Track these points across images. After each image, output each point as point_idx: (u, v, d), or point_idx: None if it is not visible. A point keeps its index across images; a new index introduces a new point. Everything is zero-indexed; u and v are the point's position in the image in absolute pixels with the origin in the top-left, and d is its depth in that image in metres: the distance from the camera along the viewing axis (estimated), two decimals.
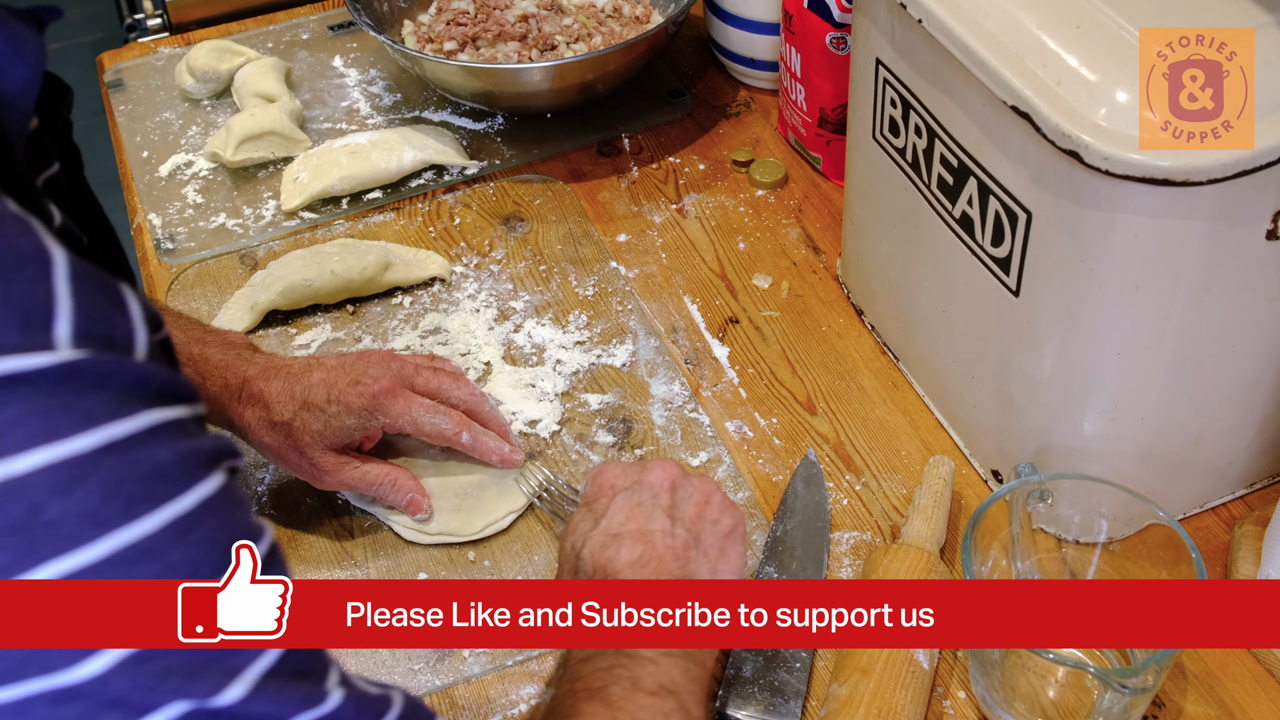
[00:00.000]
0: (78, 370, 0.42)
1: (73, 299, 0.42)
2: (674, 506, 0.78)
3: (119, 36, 1.50)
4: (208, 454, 0.46)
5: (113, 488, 0.42)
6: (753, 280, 1.13)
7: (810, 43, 1.15)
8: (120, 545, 0.43)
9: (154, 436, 0.44)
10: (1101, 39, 0.74)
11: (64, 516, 0.41)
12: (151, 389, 0.45)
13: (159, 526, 0.44)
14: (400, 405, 0.89)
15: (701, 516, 0.78)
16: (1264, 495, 0.92)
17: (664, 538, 0.75)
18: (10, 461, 0.40)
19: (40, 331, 0.41)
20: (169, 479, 0.44)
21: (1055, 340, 0.82)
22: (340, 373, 0.90)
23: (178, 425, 0.45)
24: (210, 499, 0.46)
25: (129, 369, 0.44)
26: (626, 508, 0.76)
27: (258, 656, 0.47)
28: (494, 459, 0.93)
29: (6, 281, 0.41)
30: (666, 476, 0.79)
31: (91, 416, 0.42)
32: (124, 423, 0.43)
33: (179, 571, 0.44)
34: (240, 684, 0.46)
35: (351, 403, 0.88)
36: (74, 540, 0.42)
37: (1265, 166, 0.69)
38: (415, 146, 1.23)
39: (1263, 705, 0.81)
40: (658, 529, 0.75)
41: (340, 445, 0.89)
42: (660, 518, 0.76)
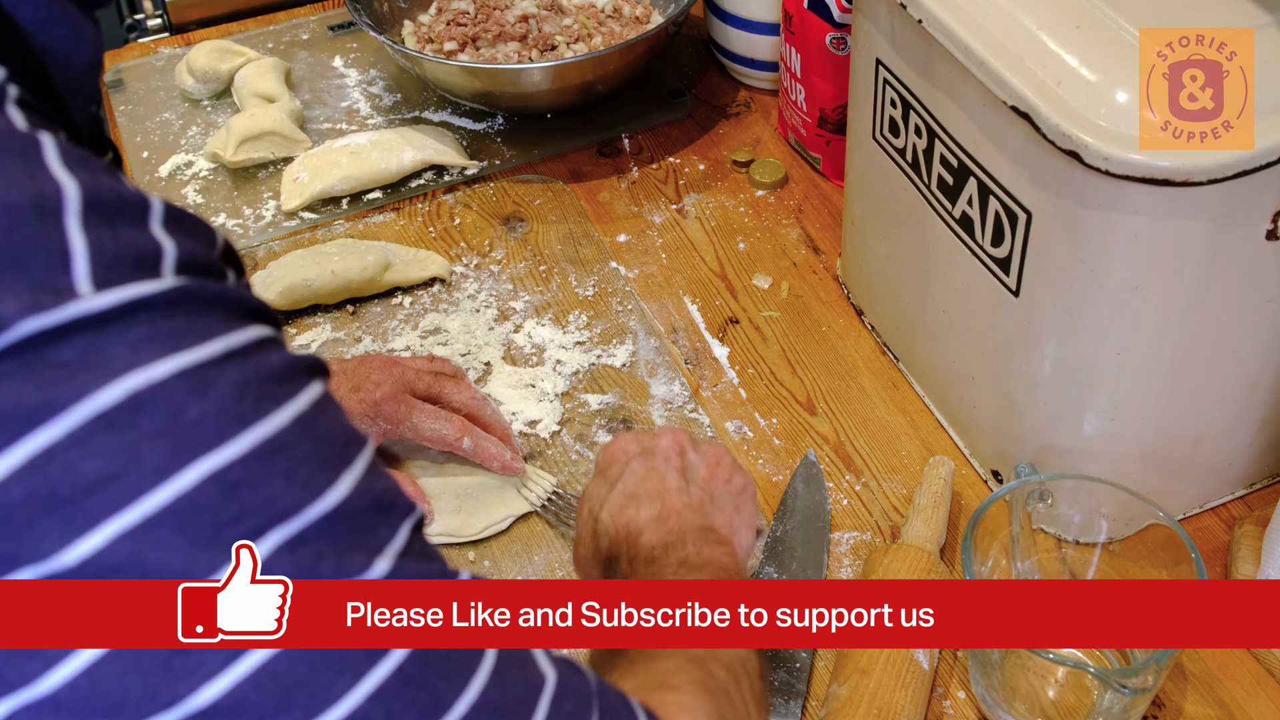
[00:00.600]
0: (188, 294, 0.45)
1: (171, 238, 0.45)
2: (686, 469, 0.79)
3: (119, 36, 1.50)
4: (309, 365, 0.50)
5: (241, 388, 0.45)
6: (753, 280, 1.13)
7: (810, 43, 1.15)
8: (260, 439, 0.45)
9: (262, 347, 0.47)
10: (1101, 39, 0.74)
11: (205, 416, 0.44)
12: (251, 309, 0.48)
13: (288, 421, 0.46)
14: (401, 411, 0.89)
15: (714, 477, 0.79)
16: (1264, 495, 0.92)
17: (679, 495, 0.76)
18: (148, 369, 0.43)
19: (150, 266, 0.44)
20: (284, 381, 0.47)
21: (1055, 340, 0.82)
22: (342, 378, 0.90)
23: (277, 341, 0.48)
24: (321, 399, 0.49)
25: (230, 292, 0.47)
26: (641, 471, 0.78)
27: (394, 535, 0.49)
28: (495, 465, 0.93)
29: (114, 225, 0.44)
30: (676, 442, 0.80)
31: (208, 331, 0.45)
32: (237, 335, 0.46)
33: (312, 461, 0.46)
34: (384, 560, 0.48)
35: (353, 409, 0.88)
36: (217, 437, 0.44)
37: (1265, 166, 0.69)
38: (415, 147, 1.23)
39: (1263, 705, 0.81)
40: (672, 487, 0.77)
41: None
42: (674, 477, 0.78)
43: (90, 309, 0.42)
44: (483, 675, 0.50)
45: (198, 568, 0.43)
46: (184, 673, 0.44)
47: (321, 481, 0.46)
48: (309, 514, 0.46)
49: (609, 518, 0.76)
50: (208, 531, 0.43)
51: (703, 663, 0.63)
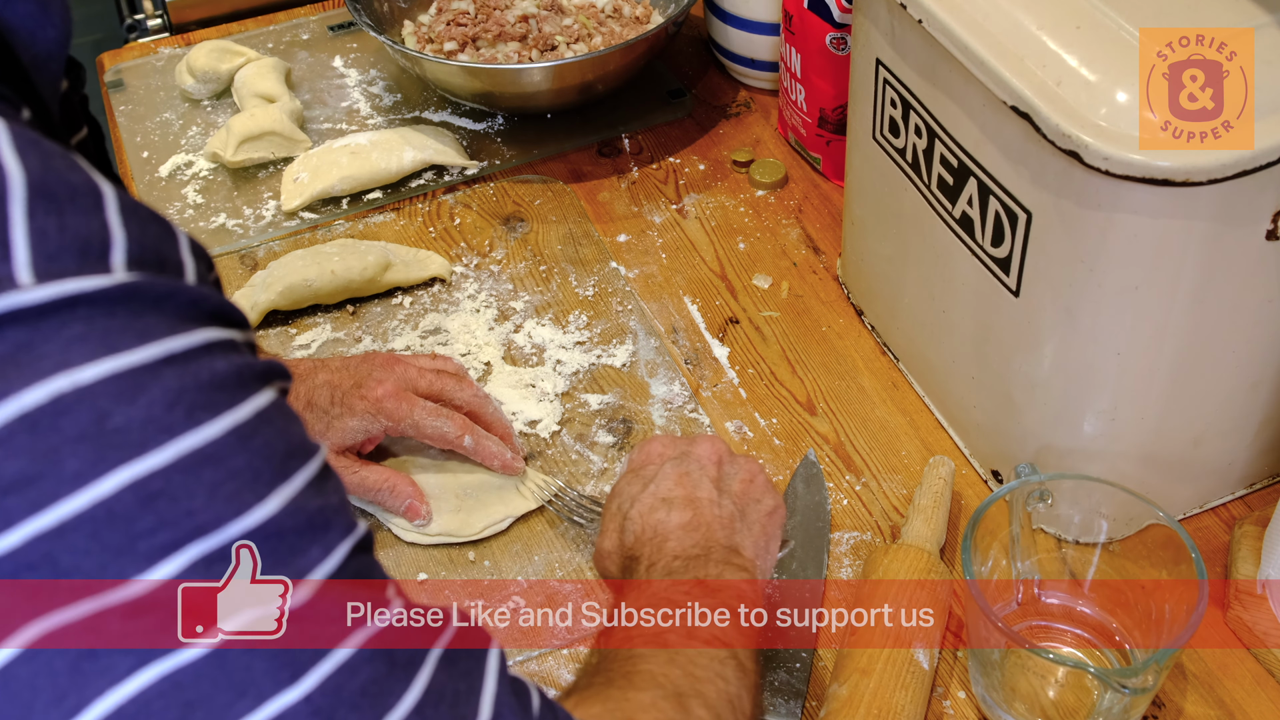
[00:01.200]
0: (135, 291, 0.44)
1: (124, 229, 0.44)
2: (720, 479, 0.79)
3: (119, 36, 1.50)
4: (261, 370, 0.48)
5: (174, 396, 0.44)
6: (753, 280, 1.13)
7: (810, 43, 1.15)
8: (186, 450, 0.44)
9: (209, 352, 0.46)
10: (1101, 39, 0.74)
11: (130, 423, 0.43)
12: (205, 310, 0.46)
13: (221, 433, 0.45)
14: (403, 409, 0.89)
15: (746, 493, 0.79)
16: (1264, 495, 0.92)
17: (711, 506, 0.76)
18: (76, 372, 0.42)
19: (97, 259, 0.43)
20: (227, 389, 0.46)
21: (1055, 340, 0.82)
22: (344, 375, 0.90)
23: (231, 344, 0.47)
24: (266, 410, 0.47)
25: (183, 291, 0.46)
26: (675, 475, 0.78)
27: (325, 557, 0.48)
28: (496, 464, 0.93)
29: (62, 212, 0.43)
30: (714, 451, 0.80)
31: (150, 332, 0.44)
32: (181, 338, 0.45)
33: (243, 476, 0.45)
34: (306, 585, 0.47)
35: (355, 405, 0.88)
36: (141, 446, 0.43)
37: (1265, 166, 0.69)
38: (415, 147, 1.23)
39: (1263, 705, 0.81)
40: (705, 497, 0.76)
41: (342, 447, 0.89)
42: (708, 487, 0.77)
43: (27, 301, 0.41)
44: (400, 713, 0.48)
45: (109, 575, 0.42)
46: (92, 675, 0.43)
47: (249, 497, 0.45)
48: (230, 530, 0.44)
49: (639, 516, 0.76)
50: (121, 540, 0.42)
51: (683, 700, 0.62)
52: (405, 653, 0.49)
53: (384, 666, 0.48)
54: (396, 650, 0.49)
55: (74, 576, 0.42)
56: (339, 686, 0.47)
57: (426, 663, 0.50)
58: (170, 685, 0.44)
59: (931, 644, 0.80)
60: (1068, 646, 0.83)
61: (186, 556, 0.44)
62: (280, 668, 0.45)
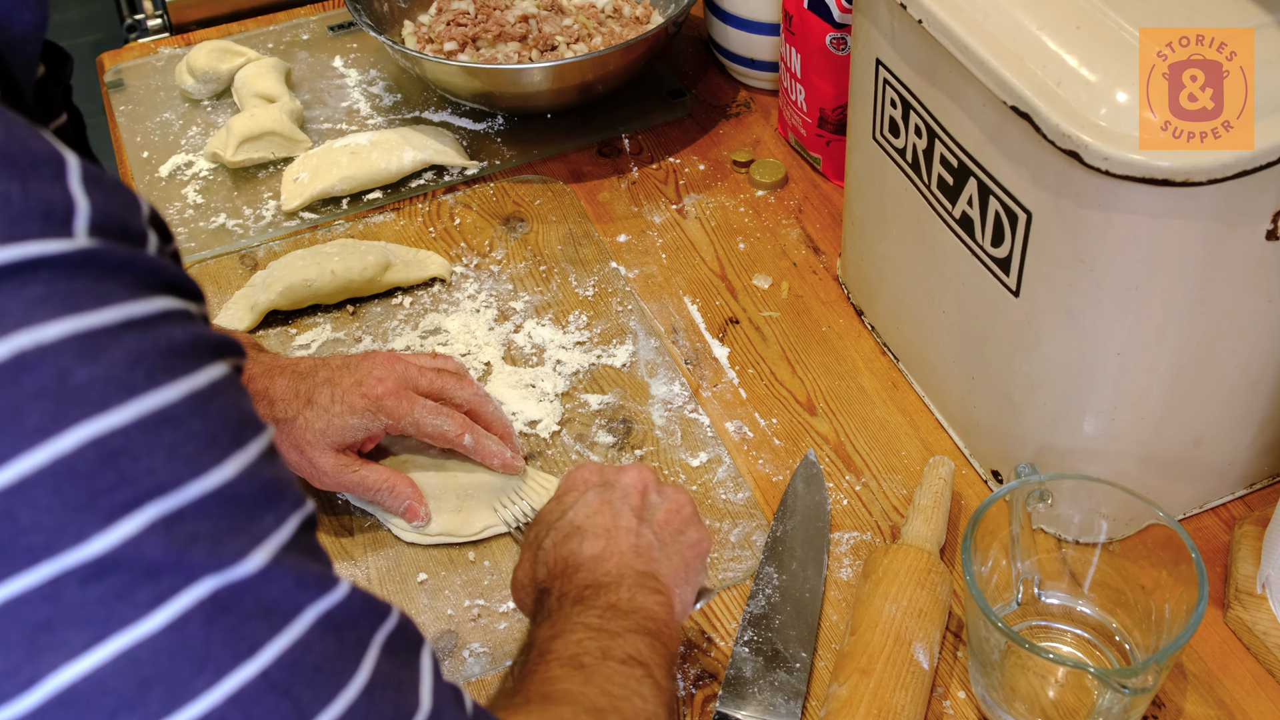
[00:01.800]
0: (96, 257, 0.44)
1: (88, 197, 0.45)
2: (644, 509, 0.77)
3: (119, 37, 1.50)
4: (217, 344, 0.49)
5: (135, 357, 0.44)
6: (753, 280, 1.13)
7: (810, 43, 1.15)
8: (147, 410, 0.44)
9: (167, 320, 0.46)
10: (1101, 39, 0.74)
11: (92, 380, 0.43)
12: (163, 280, 0.47)
13: (180, 396, 0.45)
14: (403, 407, 0.89)
15: (669, 524, 0.77)
16: (1264, 495, 0.92)
17: (628, 535, 0.74)
18: (37, 330, 0.42)
19: (60, 224, 0.44)
20: (184, 356, 0.46)
21: (1055, 340, 0.82)
22: (344, 373, 0.90)
23: (187, 314, 0.48)
24: (221, 381, 0.48)
25: (143, 260, 0.46)
26: (596, 503, 0.76)
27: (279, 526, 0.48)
28: (495, 463, 0.93)
29: (24, 179, 0.43)
30: (640, 480, 0.78)
31: (110, 297, 0.44)
32: (140, 304, 0.45)
33: (201, 439, 0.46)
34: (262, 552, 0.47)
35: (355, 403, 0.88)
36: (102, 404, 0.43)
37: (1265, 166, 0.69)
38: (415, 147, 1.23)
39: (1263, 705, 0.81)
40: (624, 526, 0.75)
41: (342, 446, 0.89)
42: (628, 516, 0.75)
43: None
44: (351, 692, 0.48)
45: (68, 531, 0.42)
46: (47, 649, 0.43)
47: (207, 460, 0.46)
48: (189, 491, 0.45)
49: (551, 546, 0.74)
50: (81, 497, 0.43)
51: (602, 716, 0.62)
52: (353, 634, 0.49)
53: (335, 645, 0.48)
54: (346, 630, 0.49)
55: (34, 534, 0.42)
56: (295, 661, 0.47)
57: (372, 647, 0.50)
58: (127, 662, 0.43)
59: (931, 644, 0.80)
60: (1068, 646, 0.83)
61: (146, 515, 0.44)
62: (238, 640, 0.45)
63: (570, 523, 0.75)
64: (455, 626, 0.87)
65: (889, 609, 0.81)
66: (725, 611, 0.87)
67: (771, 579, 0.88)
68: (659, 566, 0.74)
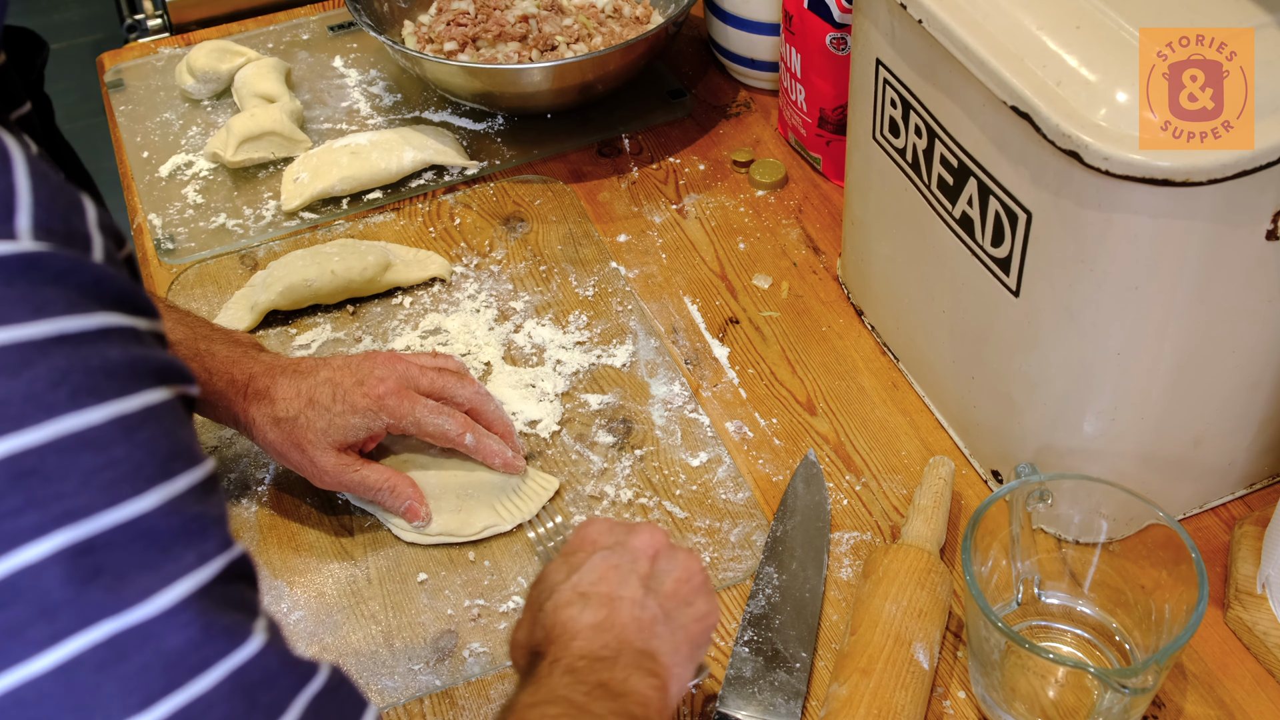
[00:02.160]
0: (37, 262, 0.42)
1: (32, 194, 0.43)
2: (652, 576, 0.73)
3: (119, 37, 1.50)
4: (159, 367, 0.46)
5: (60, 375, 0.42)
6: (753, 280, 1.13)
7: (810, 43, 1.15)
8: (64, 431, 0.42)
9: (106, 337, 0.44)
10: (1101, 39, 0.74)
11: (10, 396, 0.41)
12: (109, 293, 0.45)
13: (104, 419, 0.43)
14: (404, 406, 0.89)
15: (677, 594, 0.73)
16: (1264, 495, 0.92)
17: (632, 607, 0.71)
18: None
19: (3, 220, 0.42)
20: (117, 378, 0.44)
21: (1055, 340, 0.82)
22: (346, 373, 0.90)
23: (132, 333, 0.45)
24: (157, 408, 0.45)
25: (87, 269, 0.44)
26: (602, 568, 0.73)
27: (198, 567, 0.45)
28: (497, 463, 0.93)
29: None
30: (651, 543, 0.75)
31: (46, 308, 0.42)
32: (78, 319, 0.43)
33: (122, 466, 0.43)
34: (171, 593, 0.44)
35: (356, 403, 0.88)
36: (18, 421, 0.41)
37: (1265, 166, 0.69)
38: (415, 147, 1.23)
39: (1263, 705, 0.81)
40: (628, 596, 0.71)
41: (344, 445, 0.89)
42: (634, 585, 0.72)
43: None
44: None
45: None
46: None
47: (126, 490, 0.43)
48: (101, 520, 0.42)
49: (552, 609, 0.71)
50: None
51: None
52: (268, 695, 0.46)
53: (243, 706, 0.45)
54: (259, 691, 0.46)
55: None
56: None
57: (291, 710, 0.47)
58: (11, 702, 0.41)
59: (931, 644, 0.80)
60: (1068, 646, 0.83)
61: (52, 543, 0.42)
62: (130, 693, 0.43)
63: (574, 587, 0.72)
64: (455, 626, 0.87)
65: (889, 609, 0.81)
66: (725, 611, 0.87)
67: (771, 579, 0.88)
68: (660, 645, 0.70)
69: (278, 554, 0.92)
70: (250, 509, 0.95)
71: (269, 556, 0.92)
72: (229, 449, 1.00)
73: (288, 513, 0.95)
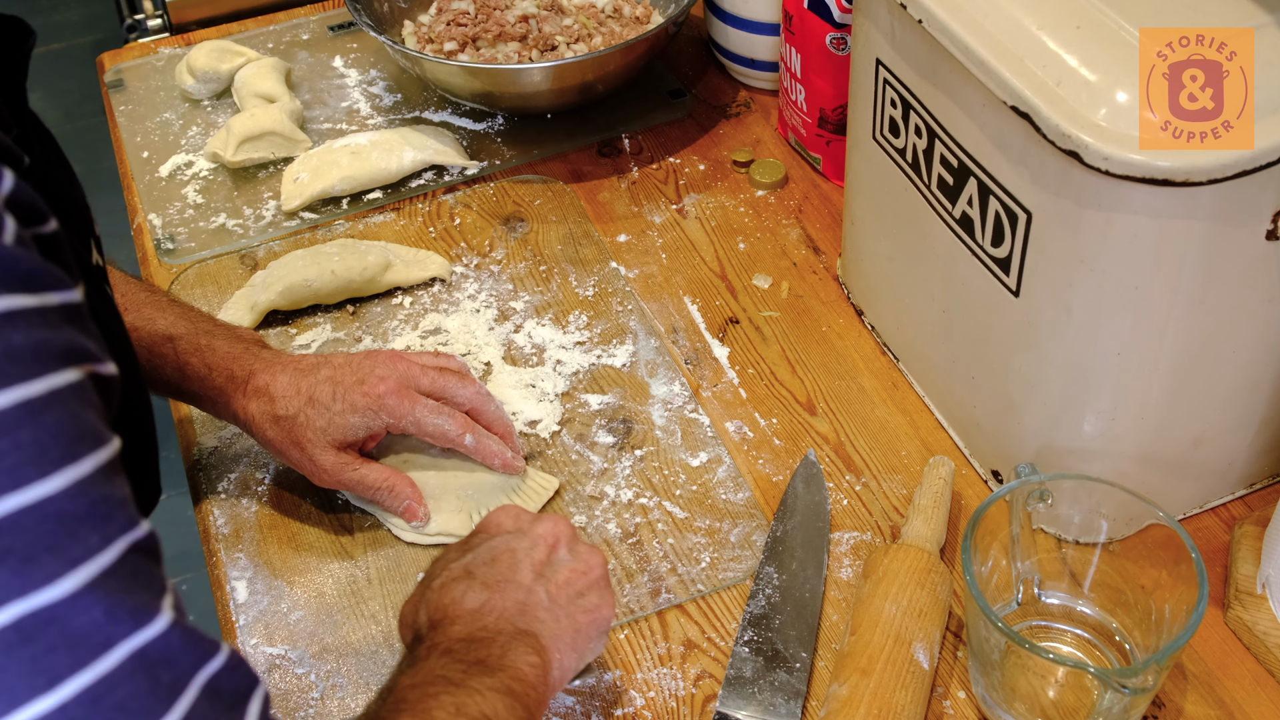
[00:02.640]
0: None
1: None
2: (547, 564, 0.74)
3: (119, 37, 1.50)
4: (65, 348, 0.46)
5: None
6: (753, 280, 1.13)
7: (810, 43, 1.15)
8: None
9: (10, 320, 0.44)
10: (1101, 39, 0.74)
11: None
12: (15, 274, 0.44)
13: (9, 404, 0.43)
14: (404, 406, 0.89)
15: (571, 584, 0.74)
16: (1264, 495, 0.92)
17: (517, 590, 0.71)
18: None
19: None
20: (22, 362, 0.44)
21: (1055, 340, 0.82)
22: (347, 371, 0.90)
23: (38, 313, 0.45)
24: (63, 390, 0.45)
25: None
26: (498, 550, 0.73)
27: (103, 549, 0.46)
28: (496, 463, 0.93)
29: None
30: (553, 533, 0.75)
31: None
32: None
33: (27, 450, 0.43)
34: (76, 575, 0.44)
35: (356, 402, 0.88)
36: None
37: (1265, 166, 0.69)
38: (415, 147, 1.23)
39: (1263, 705, 0.81)
40: (516, 580, 0.72)
41: (343, 444, 0.89)
42: (526, 571, 0.73)
43: None
44: None
45: None
46: None
47: (31, 472, 0.43)
48: (5, 504, 0.43)
49: (438, 589, 0.72)
50: None
51: None
52: (170, 673, 0.47)
53: (146, 684, 0.46)
54: (161, 670, 0.47)
55: None
56: (97, 698, 0.44)
57: (190, 689, 0.48)
58: None
59: (931, 644, 0.80)
60: (1068, 646, 0.83)
61: None
62: (36, 674, 0.43)
63: (463, 567, 0.72)
64: None
65: (889, 609, 0.81)
66: (725, 611, 0.87)
67: (771, 579, 0.88)
68: (542, 628, 0.71)
69: (278, 554, 0.92)
70: (250, 509, 0.95)
71: (269, 556, 0.92)
72: (229, 449, 1.00)
73: (288, 512, 0.95)
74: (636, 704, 0.82)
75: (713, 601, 0.88)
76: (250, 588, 0.90)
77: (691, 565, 0.90)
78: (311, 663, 0.85)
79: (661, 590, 0.88)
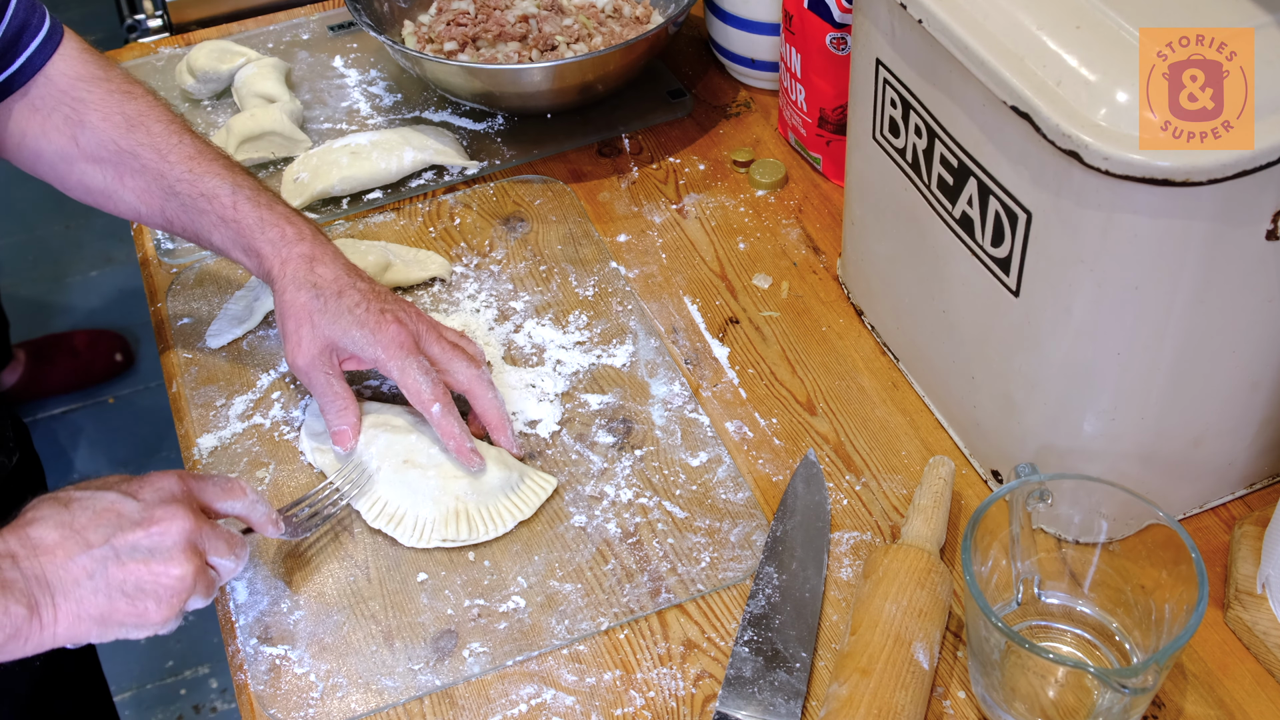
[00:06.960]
0: None
1: None
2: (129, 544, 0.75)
3: (119, 36, 1.50)
4: None
5: None
6: (753, 280, 1.13)
7: (810, 43, 1.15)
8: None
9: None
10: (1101, 39, 0.74)
11: None
12: None
13: None
14: (401, 352, 0.93)
15: (133, 573, 0.75)
16: (1264, 495, 0.92)
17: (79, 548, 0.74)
18: None
19: None
20: None
21: (1055, 340, 0.82)
22: (380, 299, 0.95)
23: None
24: None
25: None
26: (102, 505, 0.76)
27: None
28: (450, 445, 0.93)
29: None
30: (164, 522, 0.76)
31: None
32: None
33: None
34: None
35: (367, 320, 0.93)
36: None
37: (1265, 166, 0.69)
38: (415, 147, 1.23)
39: (1263, 705, 0.81)
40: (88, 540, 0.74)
41: (332, 347, 0.93)
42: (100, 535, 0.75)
43: None
44: None
45: None
46: None
47: None
48: None
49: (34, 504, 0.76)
50: None
51: None
52: None
53: None
54: None
55: None
56: None
57: None
58: None
59: (931, 644, 0.80)
60: (1068, 646, 0.83)
61: None
62: None
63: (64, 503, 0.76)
64: (455, 626, 0.87)
65: (889, 609, 0.81)
66: (725, 611, 0.87)
67: (771, 579, 0.88)
68: (68, 587, 0.73)
69: (278, 553, 0.92)
70: None
71: (269, 556, 0.92)
72: (229, 449, 1.00)
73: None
74: (636, 704, 0.82)
75: (713, 601, 0.88)
76: (250, 588, 0.90)
77: (691, 565, 0.90)
78: (311, 663, 0.86)
79: (661, 590, 0.88)
